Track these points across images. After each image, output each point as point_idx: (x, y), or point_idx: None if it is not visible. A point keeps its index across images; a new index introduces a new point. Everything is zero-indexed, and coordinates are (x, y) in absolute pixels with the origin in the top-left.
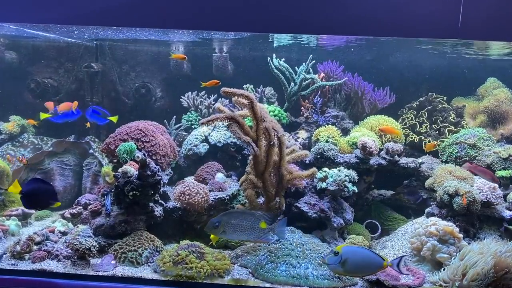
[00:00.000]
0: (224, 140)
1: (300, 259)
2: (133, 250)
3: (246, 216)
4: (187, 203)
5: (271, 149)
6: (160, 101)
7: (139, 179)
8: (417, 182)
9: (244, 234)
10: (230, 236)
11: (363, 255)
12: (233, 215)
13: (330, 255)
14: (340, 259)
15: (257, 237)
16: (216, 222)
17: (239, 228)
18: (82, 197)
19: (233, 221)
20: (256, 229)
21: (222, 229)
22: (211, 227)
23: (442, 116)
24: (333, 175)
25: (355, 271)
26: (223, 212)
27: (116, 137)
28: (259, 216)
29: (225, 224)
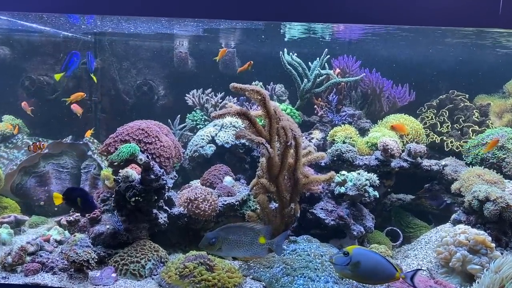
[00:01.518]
0: (232, 140)
1: (319, 271)
2: (136, 261)
3: (245, 231)
4: (193, 210)
5: (286, 151)
6: (163, 99)
7: (141, 183)
8: (440, 186)
9: (242, 250)
10: (226, 253)
11: (375, 261)
12: (231, 230)
13: (339, 255)
14: (349, 261)
15: (254, 253)
16: (213, 238)
17: (238, 244)
18: None
19: (232, 237)
20: (254, 244)
21: (219, 246)
22: (206, 244)
23: (465, 115)
24: (352, 179)
25: (363, 277)
26: (220, 227)
27: (116, 138)
28: (258, 231)
29: (223, 240)
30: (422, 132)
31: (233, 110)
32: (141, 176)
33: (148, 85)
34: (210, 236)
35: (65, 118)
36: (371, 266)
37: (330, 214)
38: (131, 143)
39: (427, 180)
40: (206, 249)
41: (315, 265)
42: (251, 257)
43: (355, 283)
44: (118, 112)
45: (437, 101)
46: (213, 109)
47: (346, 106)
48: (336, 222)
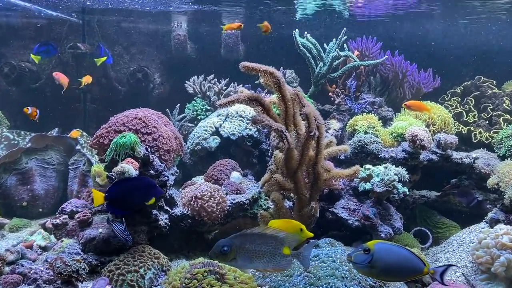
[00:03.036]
0: (239, 132)
1: (347, 280)
2: (133, 270)
3: (266, 240)
4: (199, 210)
5: (308, 142)
6: (159, 88)
7: None
8: (470, 181)
9: (261, 262)
10: (242, 264)
11: (399, 256)
12: (248, 238)
13: (358, 252)
14: (370, 258)
15: (276, 265)
16: (225, 246)
17: (256, 255)
18: (68, 203)
19: (249, 246)
20: (277, 255)
21: (233, 256)
22: (218, 253)
23: (493, 103)
24: (379, 174)
25: (388, 275)
26: (234, 234)
27: (110, 128)
28: (282, 239)
29: (238, 250)
30: (450, 121)
31: (243, 96)
32: (139, 171)
33: (143, 72)
34: (222, 243)
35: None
36: (396, 262)
37: (353, 213)
38: (127, 133)
39: (454, 174)
40: (218, 259)
41: (342, 273)
42: (273, 270)
43: None
44: (109, 102)
45: (461, 88)
46: (216, 97)
47: (364, 93)
48: (361, 223)
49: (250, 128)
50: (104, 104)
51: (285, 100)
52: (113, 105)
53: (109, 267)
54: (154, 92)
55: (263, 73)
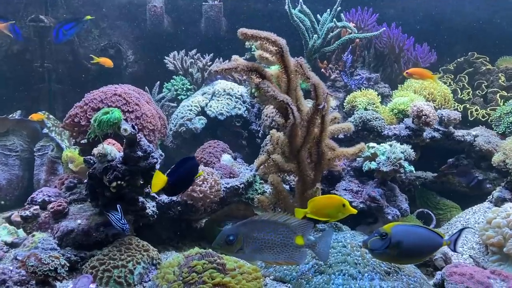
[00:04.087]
0: (228, 111)
1: (361, 267)
2: (121, 265)
3: (276, 228)
4: (191, 195)
5: (315, 116)
6: (133, 66)
7: (125, 163)
8: (468, 160)
9: (271, 253)
10: (250, 256)
11: (418, 235)
12: (257, 225)
13: (374, 237)
14: (388, 243)
15: (288, 257)
16: (231, 235)
17: (266, 245)
18: (38, 192)
19: (257, 235)
20: (289, 246)
21: (239, 246)
22: (222, 243)
23: (487, 80)
24: (385, 152)
25: (408, 257)
26: (241, 221)
27: (86, 106)
28: (295, 228)
29: (245, 239)
30: (450, 97)
31: (242, 65)
32: (124, 153)
33: (116, 48)
34: (227, 232)
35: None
36: (415, 242)
37: (357, 195)
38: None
39: (450, 154)
40: (222, 250)
41: (355, 259)
42: (285, 262)
43: (405, 278)
44: (77, 82)
45: (454, 65)
46: (200, 74)
47: (358, 68)
48: (366, 205)
49: (239, 107)
50: (72, 84)
51: (289, 71)
52: (81, 85)
53: (91, 263)
54: (128, 70)
55: (264, 41)
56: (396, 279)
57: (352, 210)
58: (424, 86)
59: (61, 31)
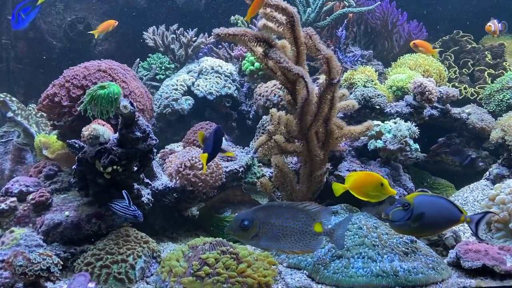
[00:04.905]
0: (217, 91)
1: (379, 248)
2: (121, 260)
3: (295, 214)
4: (191, 180)
5: (328, 92)
6: (103, 44)
7: (121, 145)
8: (460, 139)
9: (288, 241)
10: (265, 244)
11: (439, 207)
12: (274, 211)
13: (396, 209)
14: (410, 214)
15: (306, 245)
16: (246, 220)
17: (284, 232)
18: (13, 182)
19: (275, 221)
20: (307, 234)
21: (255, 232)
22: (237, 228)
23: (473, 58)
24: (391, 130)
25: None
26: (256, 206)
27: (67, 84)
28: (314, 214)
29: (261, 224)
30: (445, 75)
31: (250, 33)
32: (120, 134)
33: (85, 23)
34: (241, 216)
35: None
36: (435, 215)
37: None
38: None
39: (443, 132)
40: (236, 236)
41: (372, 241)
42: (301, 251)
43: (423, 257)
44: (40, 61)
45: (439, 43)
46: (183, 51)
47: (350, 45)
48: None
49: (229, 86)
50: (34, 64)
51: (299, 43)
52: (45, 65)
53: (85, 259)
54: (97, 49)
55: (272, 9)
56: (414, 259)
57: (392, 191)
58: (419, 63)
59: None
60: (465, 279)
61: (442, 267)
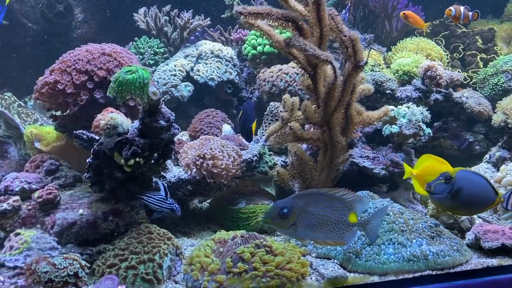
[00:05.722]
0: (219, 76)
1: (407, 233)
2: (148, 259)
3: (332, 202)
4: (212, 171)
5: (354, 75)
6: (82, 27)
7: (142, 135)
8: (457, 123)
9: (323, 231)
10: (302, 233)
11: (479, 185)
12: (313, 199)
13: (439, 181)
14: (451, 188)
15: (339, 236)
16: (285, 207)
17: (320, 221)
18: (13, 178)
19: (313, 210)
20: (342, 224)
21: (293, 221)
22: (276, 216)
23: (463, 43)
24: (406, 115)
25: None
26: (295, 194)
27: (70, 69)
28: (350, 203)
29: (299, 213)
30: (445, 59)
31: (276, 11)
32: (142, 123)
33: (65, 3)
34: (281, 204)
35: None
36: (473, 192)
37: (374, 161)
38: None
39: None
40: (274, 225)
41: (401, 226)
42: (334, 242)
43: (448, 240)
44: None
45: (430, 28)
46: (178, 34)
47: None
48: (388, 171)
49: (230, 71)
50: (5, 49)
51: (323, 24)
52: (18, 50)
53: (107, 261)
54: (76, 32)
55: None
56: (440, 243)
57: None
58: (420, 47)
59: None
60: (486, 259)
61: (464, 249)
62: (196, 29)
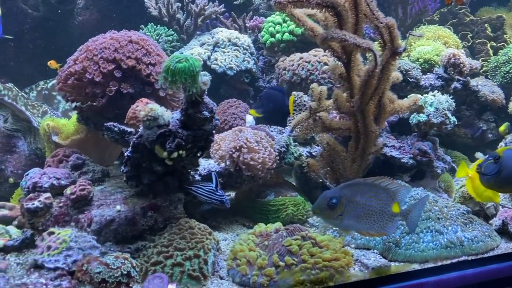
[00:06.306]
0: (237, 65)
1: (443, 221)
2: (194, 255)
3: (378, 192)
4: (248, 164)
5: (392, 62)
6: (84, 13)
7: (185, 127)
8: (470, 111)
9: (367, 222)
10: (347, 224)
11: None
12: (360, 188)
13: (489, 161)
14: (498, 168)
15: (381, 227)
16: (334, 197)
17: (365, 212)
18: (40, 174)
19: (360, 199)
20: (385, 214)
21: (341, 211)
22: (325, 207)
23: (472, 31)
24: (433, 103)
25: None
26: (342, 184)
27: (96, 58)
28: (394, 193)
29: (347, 203)
30: (461, 48)
31: None
32: (185, 114)
33: None
34: (330, 194)
35: None
36: None
37: (401, 151)
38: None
39: None
40: (322, 215)
41: (436, 214)
42: (376, 233)
43: (479, 226)
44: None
45: (438, 16)
46: (192, 21)
47: None
48: (416, 160)
49: (248, 60)
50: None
51: (359, 9)
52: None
53: (151, 259)
54: (77, 19)
55: None
56: (473, 229)
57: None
58: (437, 34)
59: None
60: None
61: (494, 234)
62: (210, 16)
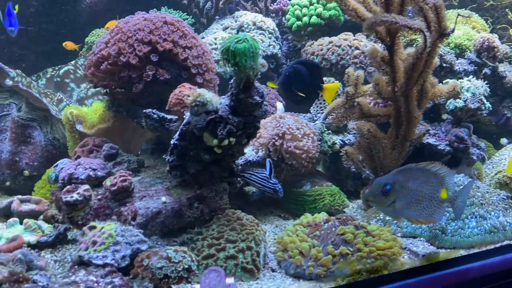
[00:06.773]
0: (263, 50)
1: (486, 206)
2: (246, 247)
3: (428, 177)
4: (293, 152)
5: (438, 45)
6: None
7: (235, 113)
8: (494, 98)
9: (417, 209)
10: (399, 211)
11: None
12: (413, 173)
13: None
14: None
15: (429, 214)
16: (387, 184)
17: (417, 197)
18: (75, 165)
19: (412, 185)
20: (434, 200)
21: (394, 198)
22: (379, 194)
23: (492, 16)
24: (469, 88)
25: None
26: (395, 169)
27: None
28: (443, 178)
29: (400, 189)
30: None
31: None
32: (236, 99)
33: None
34: (384, 181)
35: None
36: None
37: (436, 137)
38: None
39: None
40: (375, 202)
41: (479, 200)
42: (425, 221)
43: None
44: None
45: (457, 1)
46: (213, 4)
47: None
48: (453, 147)
49: (273, 44)
50: None
51: None
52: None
53: (202, 252)
54: (84, 2)
55: None
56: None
57: None
58: (466, 19)
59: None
60: None
61: None
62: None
